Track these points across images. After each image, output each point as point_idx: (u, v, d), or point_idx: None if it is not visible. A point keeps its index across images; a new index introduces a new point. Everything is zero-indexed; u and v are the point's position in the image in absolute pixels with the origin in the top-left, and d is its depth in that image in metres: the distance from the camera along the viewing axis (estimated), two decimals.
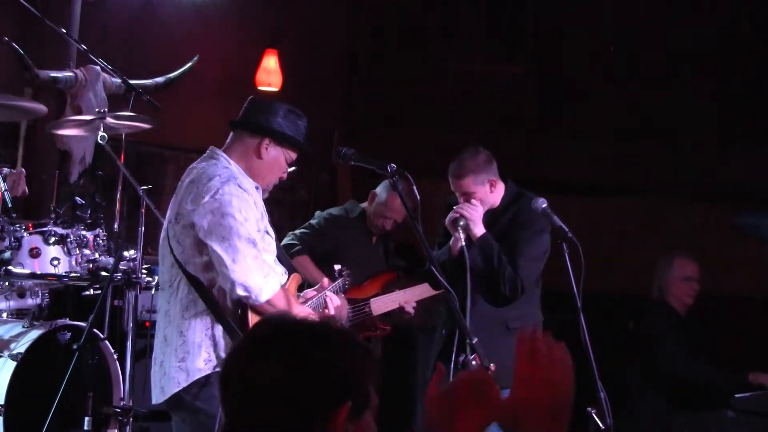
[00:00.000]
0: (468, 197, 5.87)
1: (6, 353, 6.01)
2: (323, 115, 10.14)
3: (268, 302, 4.65)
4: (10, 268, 6.17)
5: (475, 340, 4.69)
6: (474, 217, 5.81)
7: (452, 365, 5.29)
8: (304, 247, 6.94)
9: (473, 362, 4.66)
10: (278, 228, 5.27)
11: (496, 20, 10.63)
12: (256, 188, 4.91)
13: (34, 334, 6.11)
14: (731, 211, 9.50)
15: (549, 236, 5.84)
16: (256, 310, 4.68)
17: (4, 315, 6.51)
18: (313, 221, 7.14)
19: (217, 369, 4.63)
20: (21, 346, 6.03)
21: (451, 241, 5.88)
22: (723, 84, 9.78)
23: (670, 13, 9.88)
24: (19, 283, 6.38)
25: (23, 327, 6.22)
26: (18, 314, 6.58)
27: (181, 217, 4.73)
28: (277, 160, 4.95)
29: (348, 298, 6.62)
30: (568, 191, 9.30)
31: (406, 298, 6.83)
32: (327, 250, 6.95)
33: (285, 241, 6.88)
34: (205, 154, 4.96)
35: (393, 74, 10.66)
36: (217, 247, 4.60)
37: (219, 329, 4.68)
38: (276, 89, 9.70)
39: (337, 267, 5.95)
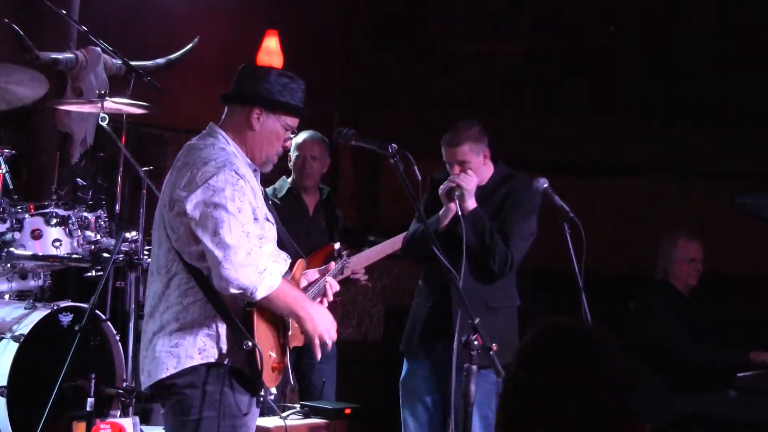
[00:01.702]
0: (463, 166, 5.86)
1: (8, 335, 6.03)
2: (324, 96, 10.14)
3: (267, 298, 4.42)
4: (12, 249, 6.20)
5: (477, 320, 4.69)
6: (470, 187, 5.80)
7: (455, 344, 5.29)
8: None
9: (475, 342, 4.67)
10: None
11: (495, 1, 10.62)
12: (254, 171, 4.60)
13: (37, 315, 6.13)
14: (732, 190, 9.50)
15: (536, 219, 5.88)
16: (261, 304, 4.48)
17: (7, 297, 6.53)
18: None
19: (210, 361, 4.40)
20: (23, 328, 6.05)
21: (441, 212, 5.85)
22: (722, 62, 9.76)
23: None
24: (21, 265, 6.40)
25: (25, 308, 6.24)
26: (20, 296, 6.60)
27: (175, 203, 4.42)
28: (273, 129, 4.61)
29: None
30: (567, 172, 9.30)
31: (353, 266, 6.80)
32: None
33: None
34: (204, 131, 4.65)
35: (392, 55, 10.65)
36: (208, 243, 4.32)
37: (218, 320, 4.42)
38: None
39: (336, 246, 5.93)
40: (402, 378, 6.06)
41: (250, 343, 4.39)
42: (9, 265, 6.30)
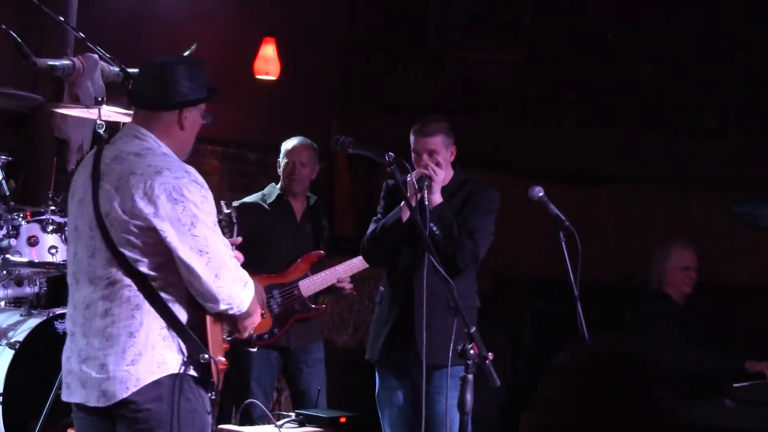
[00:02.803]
0: (432, 157, 5.85)
1: (4, 342, 6.03)
2: (322, 103, 10.14)
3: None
4: (8, 256, 6.20)
5: (473, 329, 4.68)
6: (439, 179, 5.79)
7: (450, 353, 5.29)
8: None
9: (471, 351, 4.66)
10: None
11: (494, 8, 10.61)
12: None
13: (32, 322, 6.13)
14: (730, 199, 9.50)
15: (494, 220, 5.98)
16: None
17: (2, 303, 6.53)
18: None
19: (171, 372, 4.29)
20: (19, 335, 6.05)
21: (402, 204, 5.82)
22: (722, 71, 9.76)
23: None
24: (17, 272, 6.39)
25: (21, 315, 6.23)
26: (16, 303, 6.60)
27: (134, 217, 4.24)
28: (196, 120, 4.55)
29: (275, 282, 6.70)
30: (565, 179, 9.29)
31: (338, 275, 6.86)
32: (243, 240, 6.90)
33: None
34: (125, 132, 4.52)
35: (391, 62, 10.65)
36: (194, 262, 4.25)
37: (173, 331, 4.31)
38: (274, 78, 9.68)
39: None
40: (377, 391, 6.06)
41: (206, 356, 4.33)
42: (5, 271, 6.29)
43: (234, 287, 4.34)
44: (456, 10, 10.60)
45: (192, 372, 4.34)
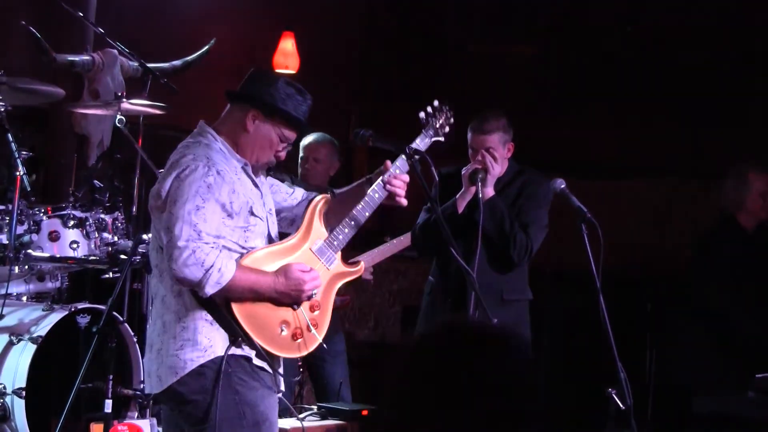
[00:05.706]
0: (489, 152, 5.83)
1: (26, 337, 6.04)
2: (341, 97, 10.14)
3: (226, 291, 4.29)
4: (29, 251, 6.20)
5: (495, 321, 4.67)
6: (494, 172, 5.77)
7: None
8: None
9: None
10: None
11: (511, 1, 10.61)
12: (245, 165, 4.50)
13: (54, 317, 6.13)
14: None
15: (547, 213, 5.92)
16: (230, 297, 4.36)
17: (24, 298, 6.54)
18: None
19: (212, 358, 4.34)
20: (41, 330, 6.05)
21: (457, 196, 5.82)
22: (741, 63, 9.73)
23: None
24: (39, 267, 6.41)
25: (43, 310, 6.23)
26: (38, 298, 6.61)
27: (151, 197, 4.41)
28: (267, 136, 4.50)
29: None
30: (584, 173, 9.26)
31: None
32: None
33: None
34: (194, 131, 4.58)
35: (409, 55, 10.64)
36: (163, 237, 4.29)
37: (216, 318, 4.37)
38: (293, 71, 9.69)
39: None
40: None
41: (240, 339, 4.36)
42: (27, 267, 6.30)
43: (188, 270, 4.25)
44: (474, 4, 10.59)
45: (247, 353, 4.40)
